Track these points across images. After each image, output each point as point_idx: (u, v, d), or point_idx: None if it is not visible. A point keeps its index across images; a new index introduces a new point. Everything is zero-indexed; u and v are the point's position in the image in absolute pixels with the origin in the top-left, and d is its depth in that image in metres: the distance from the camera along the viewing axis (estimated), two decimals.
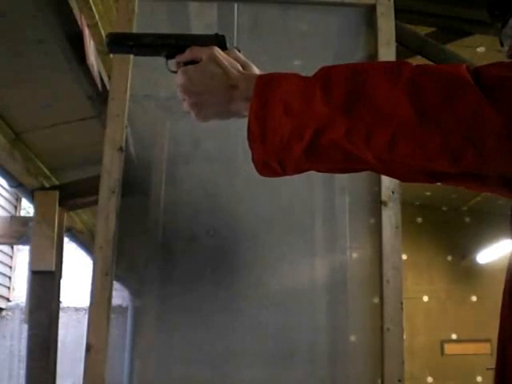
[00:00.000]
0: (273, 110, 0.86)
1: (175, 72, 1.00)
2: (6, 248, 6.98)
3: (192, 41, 1.01)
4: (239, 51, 1.00)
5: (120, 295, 1.98)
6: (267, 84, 0.89)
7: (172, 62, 1.02)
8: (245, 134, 0.88)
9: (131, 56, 1.82)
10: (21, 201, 7.03)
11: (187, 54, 0.99)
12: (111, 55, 2.31)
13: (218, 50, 0.96)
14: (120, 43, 1.06)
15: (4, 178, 3.84)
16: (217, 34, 1.02)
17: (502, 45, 1.01)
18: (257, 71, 0.97)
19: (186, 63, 0.98)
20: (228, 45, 1.01)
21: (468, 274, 7.48)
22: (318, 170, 0.91)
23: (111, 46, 1.06)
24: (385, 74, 0.82)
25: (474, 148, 0.75)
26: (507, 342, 0.92)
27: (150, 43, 1.04)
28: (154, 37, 1.04)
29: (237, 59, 0.97)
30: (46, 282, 3.86)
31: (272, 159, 0.87)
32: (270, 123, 0.86)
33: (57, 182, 4.32)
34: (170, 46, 1.02)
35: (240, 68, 0.96)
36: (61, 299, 4.14)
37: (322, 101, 0.82)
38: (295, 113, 0.84)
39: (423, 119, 0.77)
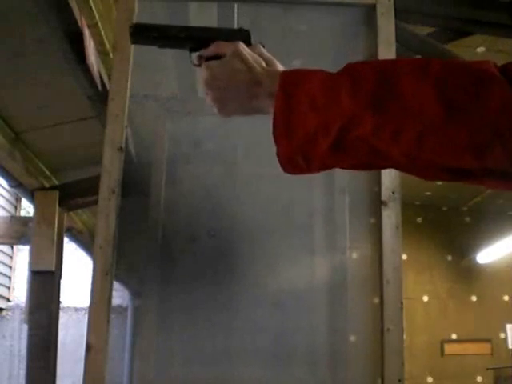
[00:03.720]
0: (298, 106, 0.86)
1: (197, 65, 0.99)
2: (5, 248, 6.98)
3: (217, 34, 0.99)
4: (263, 47, 0.99)
5: (120, 295, 1.98)
6: (292, 80, 0.88)
7: (195, 55, 1.00)
8: (245, 134, 0.88)
9: (131, 56, 1.82)
10: (21, 201, 7.03)
11: (212, 49, 0.97)
12: (132, 46, 2.29)
13: (242, 46, 0.95)
14: (144, 34, 1.02)
15: (4, 177, 3.83)
16: (241, 29, 1.00)
17: None
18: (281, 67, 0.97)
19: (210, 58, 0.97)
20: (252, 40, 0.99)
21: (468, 274, 7.47)
22: (342, 167, 0.91)
23: (135, 36, 1.02)
24: (413, 70, 0.82)
25: (501, 143, 0.75)
26: None
27: (175, 35, 1.01)
28: (179, 29, 1.01)
29: (261, 55, 0.97)
30: (45, 282, 3.85)
31: (297, 155, 0.87)
32: (295, 119, 0.86)
33: (57, 182, 4.32)
34: (194, 38, 1.00)
35: (264, 64, 0.95)
36: (61, 299, 4.13)
37: (349, 96, 0.82)
38: (321, 108, 0.84)
39: (451, 115, 0.77)
